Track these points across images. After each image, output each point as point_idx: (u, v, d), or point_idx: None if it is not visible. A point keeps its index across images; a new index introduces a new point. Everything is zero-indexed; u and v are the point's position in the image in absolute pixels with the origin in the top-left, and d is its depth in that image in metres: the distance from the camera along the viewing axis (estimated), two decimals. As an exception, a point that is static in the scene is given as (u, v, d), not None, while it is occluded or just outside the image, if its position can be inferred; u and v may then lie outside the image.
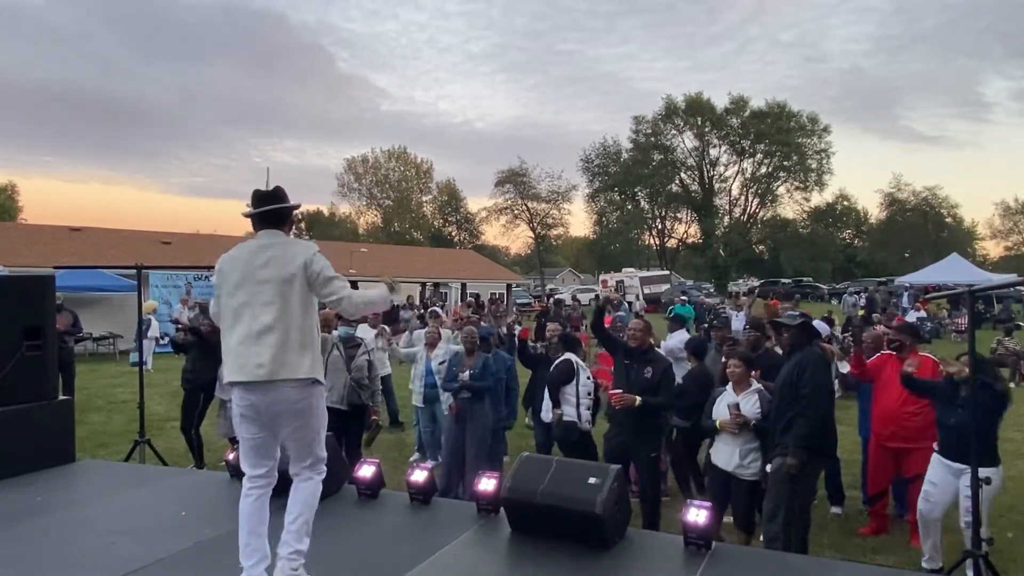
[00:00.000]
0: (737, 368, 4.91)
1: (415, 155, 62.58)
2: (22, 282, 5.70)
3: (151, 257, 21.42)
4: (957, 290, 5.32)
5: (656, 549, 3.80)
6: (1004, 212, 56.60)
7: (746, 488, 4.72)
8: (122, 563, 3.50)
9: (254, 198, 3.22)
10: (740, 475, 4.71)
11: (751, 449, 4.72)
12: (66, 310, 10.49)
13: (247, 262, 3.10)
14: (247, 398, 3.06)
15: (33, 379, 5.36)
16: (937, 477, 4.47)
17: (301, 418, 3.11)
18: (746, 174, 50.43)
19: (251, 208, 3.20)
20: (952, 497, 4.40)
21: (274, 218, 3.20)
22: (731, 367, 4.97)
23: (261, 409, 3.06)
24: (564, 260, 80.00)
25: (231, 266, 3.13)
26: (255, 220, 3.20)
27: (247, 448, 3.17)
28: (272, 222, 3.20)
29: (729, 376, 4.98)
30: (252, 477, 3.18)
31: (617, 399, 4.98)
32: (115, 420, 9.61)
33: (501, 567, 3.62)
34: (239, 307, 3.06)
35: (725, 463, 4.79)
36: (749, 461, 4.70)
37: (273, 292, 3.04)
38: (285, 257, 3.08)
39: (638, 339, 5.27)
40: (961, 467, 4.30)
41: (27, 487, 4.85)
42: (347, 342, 6.44)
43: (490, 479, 4.17)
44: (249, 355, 3.01)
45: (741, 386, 4.88)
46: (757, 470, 4.70)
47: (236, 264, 3.12)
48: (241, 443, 3.20)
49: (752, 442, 4.72)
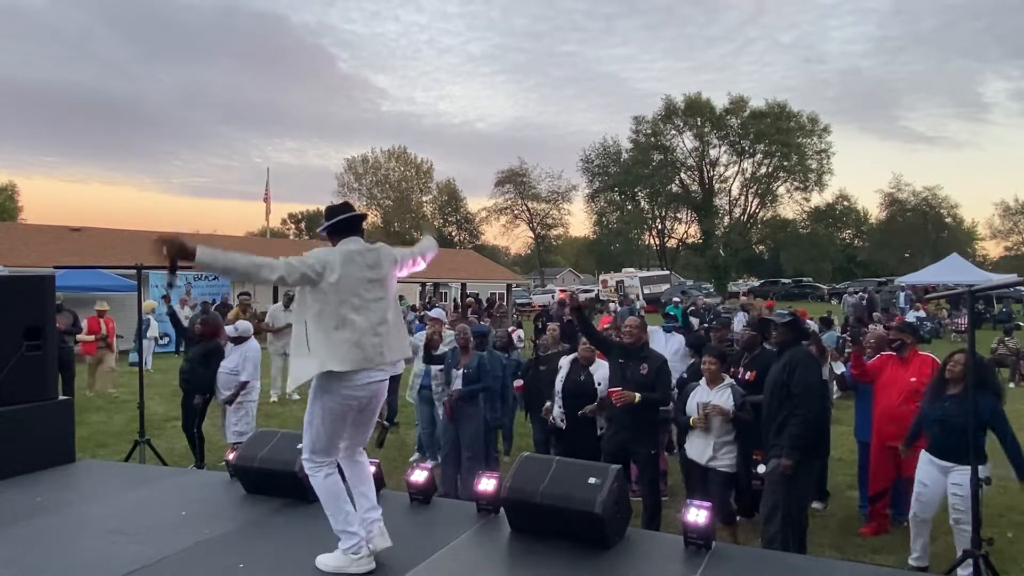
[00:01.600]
0: (712, 365, 4.92)
1: (415, 155, 62.60)
2: (22, 282, 5.69)
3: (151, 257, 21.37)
4: (957, 290, 5.31)
5: (656, 549, 3.79)
6: (1004, 212, 56.55)
7: (721, 480, 4.72)
8: (122, 563, 3.49)
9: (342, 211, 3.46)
10: (715, 467, 4.72)
11: (725, 442, 4.73)
12: (66, 310, 10.50)
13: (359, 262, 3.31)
14: (371, 388, 3.31)
15: (33, 379, 5.36)
16: (928, 477, 4.47)
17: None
18: (746, 174, 50.42)
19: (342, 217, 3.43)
20: (942, 496, 4.40)
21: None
22: (706, 363, 4.98)
23: (377, 395, 3.38)
24: (564, 260, 79.98)
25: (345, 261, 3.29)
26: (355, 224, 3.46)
27: (335, 433, 3.34)
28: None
29: (704, 372, 5.00)
30: (330, 462, 3.36)
31: (617, 396, 4.98)
32: (115, 420, 9.61)
33: (501, 567, 3.62)
34: (368, 302, 3.28)
35: (699, 456, 4.80)
36: (723, 453, 4.72)
37: (382, 289, 3.37)
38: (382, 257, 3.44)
39: (634, 336, 5.28)
40: (948, 464, 4.31)
41: (27, 487, 4.84)
42: None
43: (490, 479, 4.17)
44: (387, 345, 3.31)
45: (714, 383, 4.91)
46: (732, 462, 4.72)
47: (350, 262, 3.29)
48: (332, 430, 3.31)
49: (727, 435, 4.74)
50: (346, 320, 3.19)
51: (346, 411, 3.29)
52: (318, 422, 3.29)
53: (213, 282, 18.10)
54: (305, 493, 4.38)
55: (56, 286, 5.84)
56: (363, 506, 3.43)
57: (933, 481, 4.42)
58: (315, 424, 3.30)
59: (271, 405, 10.42)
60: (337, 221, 3.38)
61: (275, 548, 3.73)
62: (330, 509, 3.33)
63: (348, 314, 3.20)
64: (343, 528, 3.31)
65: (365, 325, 3.23)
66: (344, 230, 3.37)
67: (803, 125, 48.69)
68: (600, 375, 5.52)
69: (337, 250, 3.28)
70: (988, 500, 5.24)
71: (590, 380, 5.54)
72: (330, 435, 3.32)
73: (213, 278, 18.02)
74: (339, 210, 3.43)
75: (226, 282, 18.55)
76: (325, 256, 3.21)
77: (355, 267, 3.25)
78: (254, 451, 4.60)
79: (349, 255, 3.26)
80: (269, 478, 4.49)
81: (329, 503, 3.33)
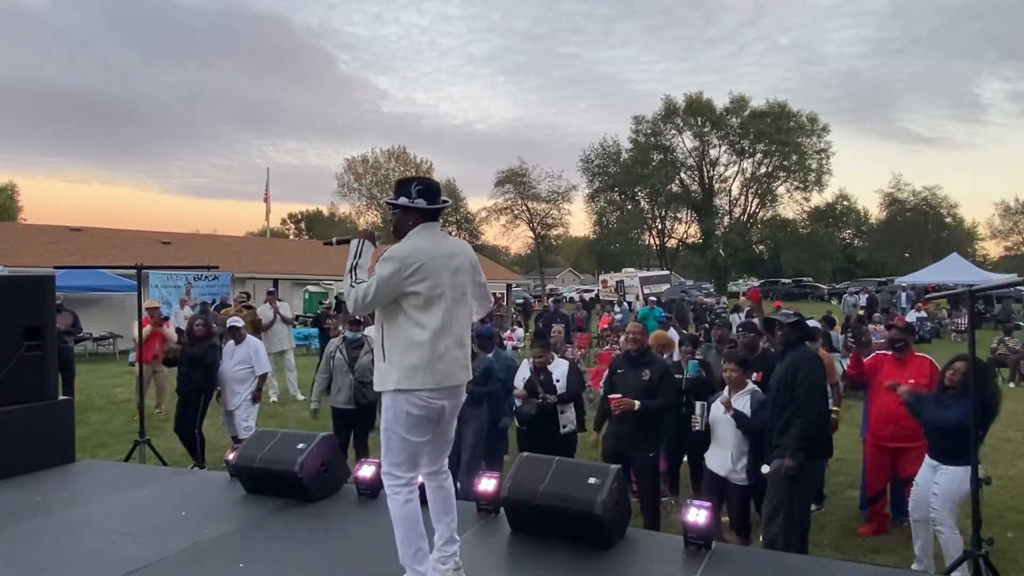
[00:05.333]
0: (734, 372, 4.91)
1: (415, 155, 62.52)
2: (22, 282, 5.70)
3: (151, 257, 21.40)
4: (957, 290, 5.31)
5: (656, 549, 3.79)
6: (1004, 212, 56.48)
7: (740, 492, 4.72)
8: (122, 563, 3.49)
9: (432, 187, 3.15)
10: (734, 480, 4.71)
11: (744, 453, 4.72)
12: (66, 310, 10.49)
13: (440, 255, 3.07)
14: (441, 401, 3.05)
15: (33, 379, 5.36)
16: (920, 476, 4.49)
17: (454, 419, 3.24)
18: (746, 174, 50.31)
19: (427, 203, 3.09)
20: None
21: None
22: (727, 371, 4.97)
23: (448, 409, 3.11)
24: (564, 260, 79.92)
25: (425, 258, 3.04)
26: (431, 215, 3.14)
27: (413, 451, 3.08)
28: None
29: (726, 380, 4.99)
30: (412, 480, 3.09)
31: (616, 404, 4.97)
32: (115, 420, 9.61)
33: (501, 567, 3.62)
34: (449, 305, 3.03)
35: (719, 467, 4.79)
36: (742, 466, 4.72)
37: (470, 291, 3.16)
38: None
39: (638, 342, 5.28)
40: (935, 463, 4.33)
41: (27, 487, 4.85)
42: (350, 344, 6.49)
43: (490, 479, 4.17)
44: (458, 357, 3.07)
45: (736, 389, 4.89)
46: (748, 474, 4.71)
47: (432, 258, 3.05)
48: (405, 446, 3.04)
49: (746, 446, 4.73)
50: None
51: (420, 423, 3.08)
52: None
53: (213, 282, 18.08)
54: (305, 493, 4.39)
55: (56, 286, 5.84)
56: (442, 536, 3.22)
57: (924, 480, 4.43)
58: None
59: (271, 405, 10.42)
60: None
61: (275, 548, 3.73)
62: (401, 536, 3.05)
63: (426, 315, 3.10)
64: (411, 564, 3.04)
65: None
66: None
67: (803, 125, 48.63)
68: (559, 372, 5.65)
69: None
70: (988, 500, 5.25)
71: (549, 378, 5.63)
72: (409, 452, 3.10)
73: (213, 278, 18.00)
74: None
75: (226, 282, 18.53)
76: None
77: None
78: (254, 451, 4.60)
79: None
80: (269, 478, 4.48)
81: (401, 531, 3.05)
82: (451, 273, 3.05)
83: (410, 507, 3.05)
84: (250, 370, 6.94)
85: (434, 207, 3.11)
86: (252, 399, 6.99)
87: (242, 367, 6.91)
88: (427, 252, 3.01)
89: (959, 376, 4.32)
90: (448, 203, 3.23)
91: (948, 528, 4.23)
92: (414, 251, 3.00)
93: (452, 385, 3.07)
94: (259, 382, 7.03)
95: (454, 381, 3.07)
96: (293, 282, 24.97)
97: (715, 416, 4.86)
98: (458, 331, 3.08)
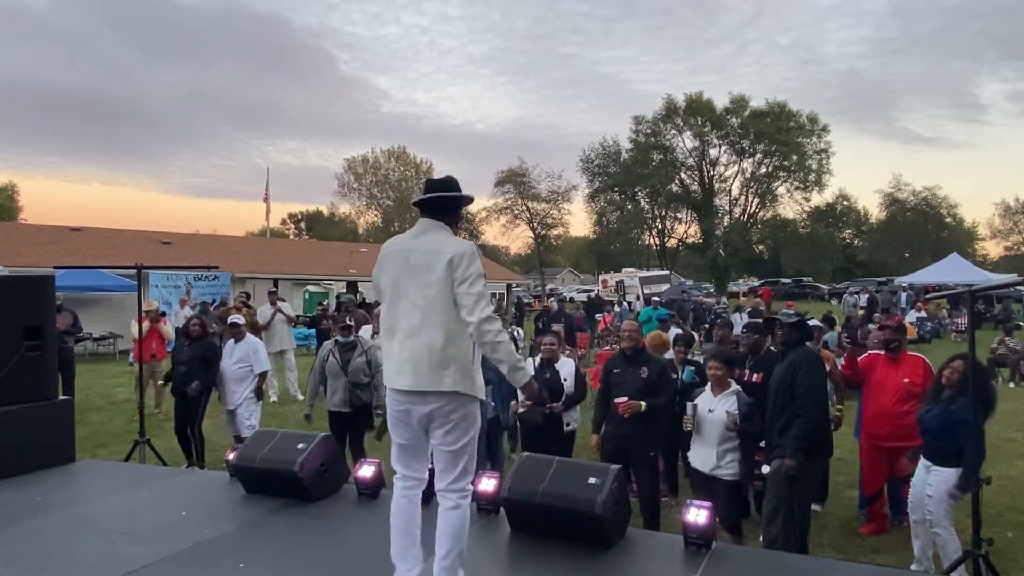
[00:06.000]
0: (718, 371, 4.88)
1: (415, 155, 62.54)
2: (22, 282, 5.69)
3: (151, 257, 21.42)
4: (957, 290, 5.30)
5: (656, 549, 3.79)
6: (1004, 212, 56.47)
7: (727, 489, 4.70)
8: (122, 563, 3.49)
9: (426, 186, 3.06)
10: (720, 476, 4.69)
11: (728, 450, 4.69)
12: (66, 310, 10.49)
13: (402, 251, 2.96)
14: (404, 404, 2.94)
15: (33, 379, 5.35)
16: (916, 477, 4.50)
17: (451, 427, 2.91)
18: (746, 174, 50.27)
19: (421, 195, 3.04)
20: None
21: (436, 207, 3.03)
22: (711, 368, 4.94)
23: (417, 417, 2.93)
24: (564, 260, 79.91)
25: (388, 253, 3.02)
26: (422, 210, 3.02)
27: (399, 450, 3.08)
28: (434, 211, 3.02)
29: (710, 378, 4.97)
30: (403, 476, 3.10)
31: (624, 407, 4.96)
32: (115, 420, 9.61)
33: (501, 567, 3.62)
34: (394, 302, 2.94)
35: (702, 465, 4.77)
36: (727, 462, 4.68)
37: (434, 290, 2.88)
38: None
39: (633, 339, 5.28)
40: (928, 464, 4.36)
41: (27, 487, 4.84)
42: (343, 347, 6.47)
43: (490, 479, 4.17)
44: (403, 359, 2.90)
45: (720, 388, 4.86)
46: (736, 471, 4.69)
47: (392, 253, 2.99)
48: (394, 445, 3.10)
49: (730, 443, 4.70)
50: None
51: (395, 424, 3.09)
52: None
53: (213, 282, 18.08)
54: (305, 493, 4.39)
55: (56, 286, 5.84)
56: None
57: (919, 481, 4.44)
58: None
59: (271, 405, 10.41)
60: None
61: (275, 548, 3.73)
62: (459, 544, 2.97)
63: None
64: (393, 562, 3.08)
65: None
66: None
67: (803, 125, 48.61)
68: (566, 371, 5.62)
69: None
70: (988, 500, 5.24)
71: (556, 376, 5.60)
72: (395, 451, 3.13)
73: (213, 278, 18.01)
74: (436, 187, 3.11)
75: (226, 282, 18.54)
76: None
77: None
78: (254, 451, 4.60)
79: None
80: (269, 478, 4.48)
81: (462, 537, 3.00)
82: (406, 269, 2.90)
83: (395, 504, 3.09)
84: (249, 369, 6.94)
85: (414, 201, 3.16)
86: (255, 397, 6.98)
87: (241, 366, 6.91)
88: (395, 245, 3.03)
89: (957, 375, 4.32)
90: (428, 197, 3.03)
91: (945, 529, 4.23)
92: (388, 244, 3.07)
93: (404, 389, 2.87)
94: (259, 380, 7.03)
95: (397, 385, 2.89)
96: (293, 282, 24.99)
97: (699, 413, 4.84)
98: (405, 331, 2.87)
